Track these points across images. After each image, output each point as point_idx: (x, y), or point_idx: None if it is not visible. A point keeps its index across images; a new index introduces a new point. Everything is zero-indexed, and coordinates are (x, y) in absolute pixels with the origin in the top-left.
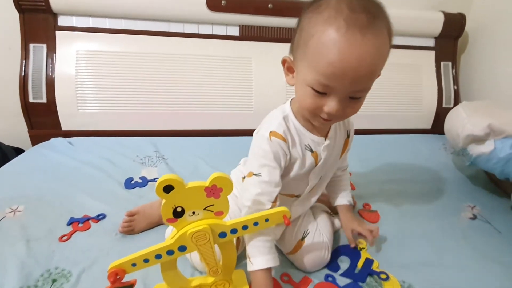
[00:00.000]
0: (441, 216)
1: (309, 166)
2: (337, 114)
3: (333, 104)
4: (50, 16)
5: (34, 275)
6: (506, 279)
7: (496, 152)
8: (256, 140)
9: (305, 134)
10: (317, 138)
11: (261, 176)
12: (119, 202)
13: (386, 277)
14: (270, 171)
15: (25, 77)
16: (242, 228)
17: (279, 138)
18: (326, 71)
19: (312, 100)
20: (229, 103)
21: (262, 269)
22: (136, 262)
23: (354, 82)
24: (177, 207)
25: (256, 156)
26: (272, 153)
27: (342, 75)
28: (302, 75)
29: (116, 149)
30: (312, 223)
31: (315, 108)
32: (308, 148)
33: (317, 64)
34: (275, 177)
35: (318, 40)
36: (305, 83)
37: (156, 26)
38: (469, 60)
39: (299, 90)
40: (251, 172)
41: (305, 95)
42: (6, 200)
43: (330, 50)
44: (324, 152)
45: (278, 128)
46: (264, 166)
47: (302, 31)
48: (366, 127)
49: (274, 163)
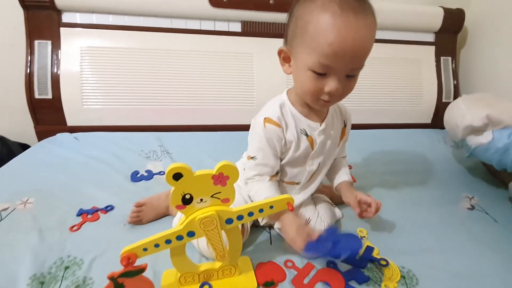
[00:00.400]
0: (440, 206)
1: (305, 150)
2: (337, 93)
3: (333, 84)
4: (54, 12)
5: (47, 263)
6: (502, 265)
7: (494, 142)
8: (253, 126)
9: (301, 119)
10: (313, 124)
11: (257, 159)
12: (126, 194)
13: (386, 263)
14: (264, 154)
15: (30, 74)
16: (248, 214)
17: (273, 124)
18: (327, 52)
19: (313, 83)
20: (231, 98)
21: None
22: (147, 247)
23: (352, 59)
24: (186, 194)
25: (253, 141)
26: (266, 138)
27: (342, 53)
28: (302, 61)
29: (121, 143)
30: (314, 211)
31: (316, 91)
32: (304, 132)
33: (318, 46)
34: (270, 160)
35: (316, 25)
36: (306, 67)
37: (158, 22)
38: (469, 55)
39: (300, 76)
40: (249, 155)
41: (305, 80)
42: (16, 192)
43: (329, 32)
44: (319, 137)
45: (272, 114)
46: (259, 150)
47: (298, 20)
48: (366, 121)
49: (268, 148)
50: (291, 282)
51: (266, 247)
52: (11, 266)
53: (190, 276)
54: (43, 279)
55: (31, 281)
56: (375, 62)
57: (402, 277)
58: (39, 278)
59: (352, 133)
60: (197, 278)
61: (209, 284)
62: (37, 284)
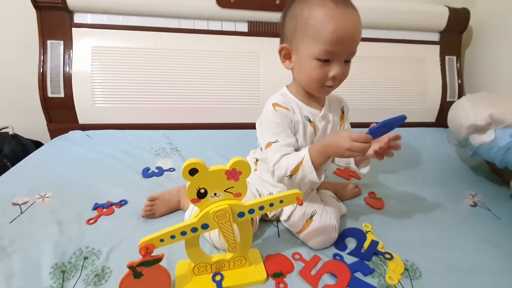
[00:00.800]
0: (443, 202)
1: (310, 135)
2: (339, 76)
3: (336, 68)
4: (66, 13)
5: (67, 253)
6: (503, 260)
7: (497, 141)
8: (264, 117)
9: (303, 107)
10: (314, 110)
11: (279, 141)
12: (139, 189)
13: (390, 257)
14: (286, 134)
15: (43, 73)
16: (259, 208)
17: (283, 108)
18: (331, 39)
19: (318, 70)
20: (237, 97)
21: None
22: (164, 238)
23: (351, 44)
24: (201, 188)
25: (268, 128)
26: (281, 119)
27: (343, 39)
28: (306, 52)
29: (132, 141)
30: (319, 204)
31: (322, 77)
32: (307, 119)
33: (322, 36)
34: (292, 138)
35: (317, 18)
36: (311, 57)
37: (167, 22)
38: (474, 54)
39: (305, 67)
40: (269, 142)
41: (311, 69)
42: (34, 187)
43: (330, 23)
44: (320, 123)
45: (278, 100)
46: (279, 132)
47: (298, 18)
48: (371, 120)
49: (287, 128)
50: (299, 274)
51: (274, 240)
52: (34, 256)
53: (203, 266)
54: (64, 268)
55: (53, 270)
56: (380, 61)
57: (406, 270)
58: (60, 267)
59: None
60: (210, 268)
61: (221, 274)
62: (59, 273)
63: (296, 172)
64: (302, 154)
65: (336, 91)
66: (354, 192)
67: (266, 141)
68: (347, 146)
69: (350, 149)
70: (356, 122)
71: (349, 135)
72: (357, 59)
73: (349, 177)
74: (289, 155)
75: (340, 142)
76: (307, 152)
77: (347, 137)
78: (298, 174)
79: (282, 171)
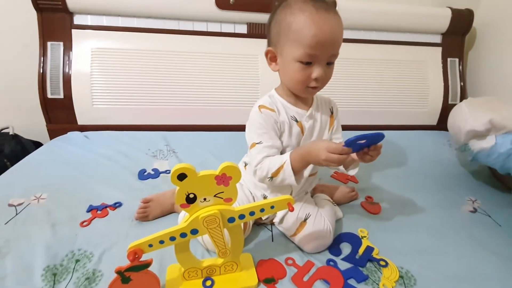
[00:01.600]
0: (442, 208)
1: (297, 135)
2: (322, 77)
3: (318, 70)
4: (66, 15)
5: (59, 255)
6: (502, 268)
7: (497, 148)
8: (250, 118)
9: (289, 107)
10: (300, 110)
11: (263, 142)
12: (134, 191)
13: (385, 264)
14: (269, 136)
15: (43, 74)
16: (249, 214)
17: (268, 109)
18: (311, 43)
19: (301, 72)
20: (236, 99)
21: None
22: (152, 243)
23: (331, 47)
24: (190, 193)
25: (253, 129)
26: (266, 121)
27: (324, 42)
28: (290, 55)
29: (129, 142)
30: (314, 206)
31: (305, 79)
32: (294, 119)
33: (303, 39)
34: (276, 140)
35: (299, 23)
36: (294, 60)
37: (166, 24)
38: (477, 57)
39: (289, 69)
40: (254, 142)
41: (294, 71)
42: (30, 188)
43: (311, 27)
44: (307, 122)
45: (265, 102)
46: (262, 134)
47: (281, 23)
48: (372, 123)
49: (271, 129)
50: (291, 279)
51: (268, 245)
52: (27, 257)
53: (194, 271)
54: (56, 270)
55: (45, 272)
56: (381, 64)
57: (401, 277)
58: (52, 270)
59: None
60: (200, 273)
61: (211, 279)
62: (51, 275)
63: (277, 175)
64: (284, 159)
65: (339, 94)
66: (350, 196)
67: (250, 142)
68: (323, 157)
69: (327, 159)
70: (356, 125)
71: (327, 146)
72: (358, 60)
73: (346, 181)
74: (272, 158)
75: (318, 152)
76: (288, 157)
77: (324, 148)
78: (278, 176)
79: (263, 172)
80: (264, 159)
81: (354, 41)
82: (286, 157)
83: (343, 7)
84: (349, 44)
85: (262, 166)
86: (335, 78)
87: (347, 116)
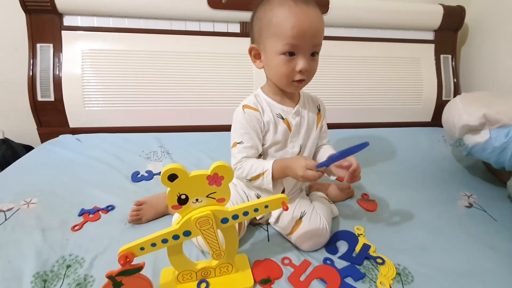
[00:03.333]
0: (437, 204)
1: (284, 133)
2: (306, 69)
3: (302, 62)
4: (55, 16)
5: (50, 261)
6: (498, 263)
7: (491, 142)
8: (234, 117)
9: (275, 105)
10: (286, 108)
11: (244, 142)
12: (127, 194)
13: (382, 262)
14: (249, 137)
15: (33, 77)
16: (243, 214)
17: (251, 109)
18: (292, 33)
19: (285, 65)
20: (230, 99)
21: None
22: (144, 246)
23: (312, 37)
24: (181, 194)
25: (236, 128)
26: (248, 122)
27: (303, 33)
28: (273, 49)
29: (122, 144)
30: (309, 204)
31: (289, 72)
32: (279, 116)
33: (284, 32)
34: (255, 141)
35: (279, 17)
36: (277, 53)
37: (158, 24)
38: (469, 53)
39: (272, 64)
40: (235, 142)
41: (278, 65)
42: (20, 193)
43: (290, 19)
44: (294, 119)
45: (249, 102)
46: (244, 134)
47: (262, 19)
48: (367, 120)
49: (252, 130)
50: (287, 279)
51: (264, 245)
52: (16, 264)
53: (188, 274)
54: (46, 277)
55: (34, 279)
56: (374, 61)
57: (398, 274)
58: (42, 276)
59: (353, 131)
60: (195, 275)
61: (206, 281)
62: (40, 282)
63: (256, 180)
64: (266, 167)
65: (333, 91)
66: (346, 193)
67: (232, 141)
68: (300, 173)
69: (303, 176)
70: (351, 123)
71: (305, 164)
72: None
73: (342, 179)
74: (254, 162)
75: (296, 169)
76: (271, 167)
77: (303, 166)
78: (257, 181)
79: (243, 173)
80: (243, 159)
81: (348, 39)
82: (268, 166)
83: (336, 5)
84: (343, 42)
85: (242, 167)
86: (328, 76)
87: (341, 114)
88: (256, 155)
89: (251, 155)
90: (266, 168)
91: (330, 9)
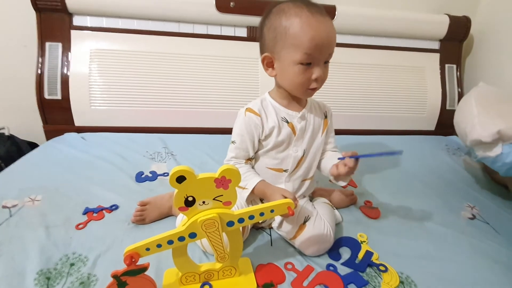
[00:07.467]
0: (441, 213)
1: (288, 136)
2: (321, 77)
3: (318, 70)
4: (65, 15)
5: (53, 259)
6: (500, 276)
7: (503, 157)
8: (236, 117)
9: (280, 109)
10: (291, 112)
11: (236, 143)
12: (131, 194)
13: (385, 269)
14: (242, 140)
15: (41, 75)
16: (248, 218)
17: (253, 113)
18: (310, 45)
19: (302, 74)
20: (236, 102)
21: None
22: (149, 247)
23: (328, 47)
24: (189, 196)
25: (235, 129)
26: (245, 125)
27: (321, 44)
28: (289, 59)
29: (127, 144)
30: (313, 209)
31: (306, 80)
32: (284, 120)
33: (302, 43)
34: (247, 145)
35: (296, 27)
36: (294, 63)
37: (166, 26)
38: (474, 63)
39: (288, 73)
40: (232, 141)
41: (295, 74)
42: (25, 190)
43: (309, 31)
44: (299, 124)
45: (253, 106)
46: (238, 135)
47: (277, 29)
48: (371, 127)
49: (246, 134)
50: (290, 284)
51: (267, 249)
52: (20, 261)
53: (191, 276)
54: (49, 274)
55: (38, 276)
56: (379, 69)
57: (401, 282)
58: (45, 274)
59: (357, 138)
60: (198, 278)
61: (209, 284)
62: (44, 279)
63: None
64: (250, 185)
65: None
66: (349, 200)
67: (231, 140)
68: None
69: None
70: (355, 129)
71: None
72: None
73: (345, 185)
74: (245, 174)
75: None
76: (252, 187)
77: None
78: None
79: None
80: (232, 158)
81: (354, 46)
82: (251, 186)
83: (342, 13)
84: (349, 49)
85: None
86: (334, 83)
87: (345, 121)
88: (246, 157)
89: (240, 157)
90: (249, 186)
91: (336, 16)
